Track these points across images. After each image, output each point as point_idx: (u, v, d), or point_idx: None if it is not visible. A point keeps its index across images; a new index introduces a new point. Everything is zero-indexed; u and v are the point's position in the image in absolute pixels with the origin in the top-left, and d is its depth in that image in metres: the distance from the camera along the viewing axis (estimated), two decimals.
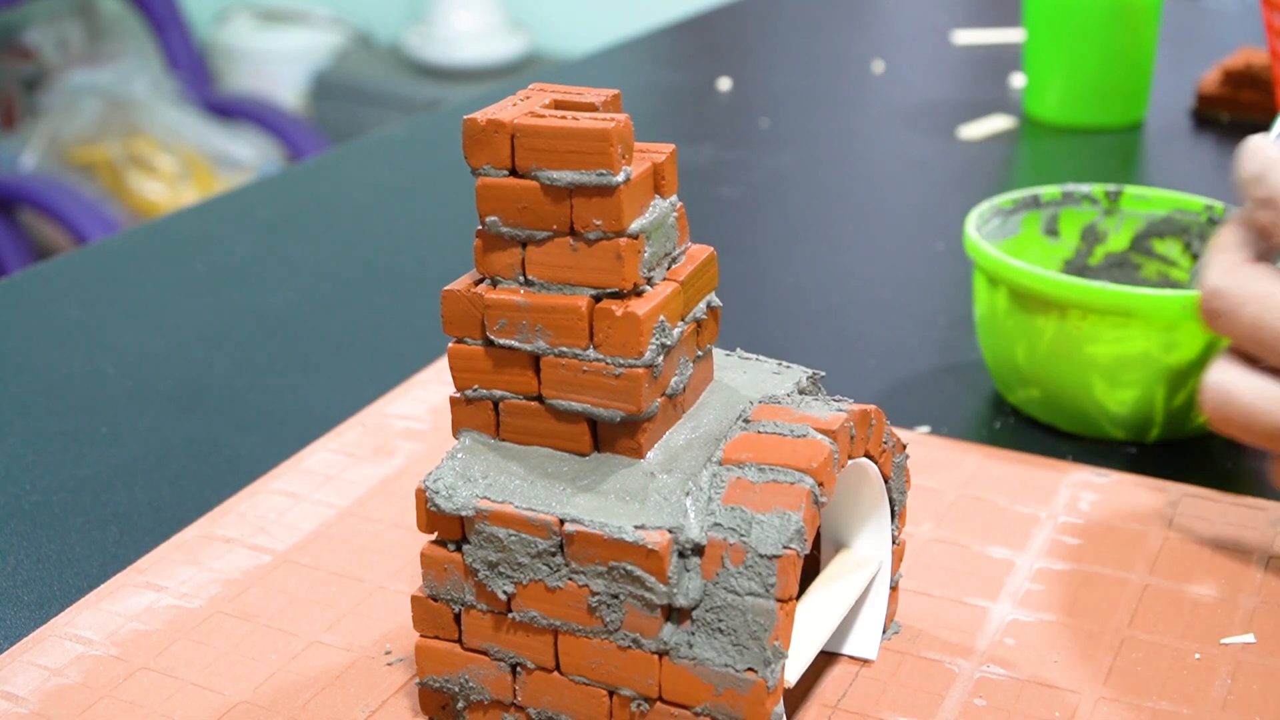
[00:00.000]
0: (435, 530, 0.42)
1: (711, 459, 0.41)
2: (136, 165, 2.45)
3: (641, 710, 0.40)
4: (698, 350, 0.43)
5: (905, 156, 1.01)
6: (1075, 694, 0.45)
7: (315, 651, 0.48)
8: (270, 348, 0.72)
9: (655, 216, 0.40)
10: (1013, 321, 0.59)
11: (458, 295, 0.41)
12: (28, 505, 0.57)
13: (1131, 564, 0.51)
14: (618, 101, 0.41)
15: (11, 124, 2.69)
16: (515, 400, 0.42)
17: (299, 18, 2.97)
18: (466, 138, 0.40)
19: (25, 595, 0.52)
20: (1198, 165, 0.99)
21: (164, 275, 0.82)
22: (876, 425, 0.44)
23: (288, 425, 0.63)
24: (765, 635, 0.38)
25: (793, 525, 0.38)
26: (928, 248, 0.83)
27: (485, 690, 0.43)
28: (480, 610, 0.42)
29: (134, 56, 2.86)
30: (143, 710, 0.45)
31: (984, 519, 0.54)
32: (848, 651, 0.47)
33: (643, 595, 0.39)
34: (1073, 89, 1.03)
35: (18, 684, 0.46)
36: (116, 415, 0.65)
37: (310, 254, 0.85)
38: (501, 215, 0.40)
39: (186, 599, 0.51)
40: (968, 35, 1.31)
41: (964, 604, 0.49)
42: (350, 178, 0.99)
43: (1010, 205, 0.65)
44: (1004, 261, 0.58)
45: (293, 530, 0.55)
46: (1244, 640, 0.47)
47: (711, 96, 1.16)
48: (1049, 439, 0.61)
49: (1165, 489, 0.56)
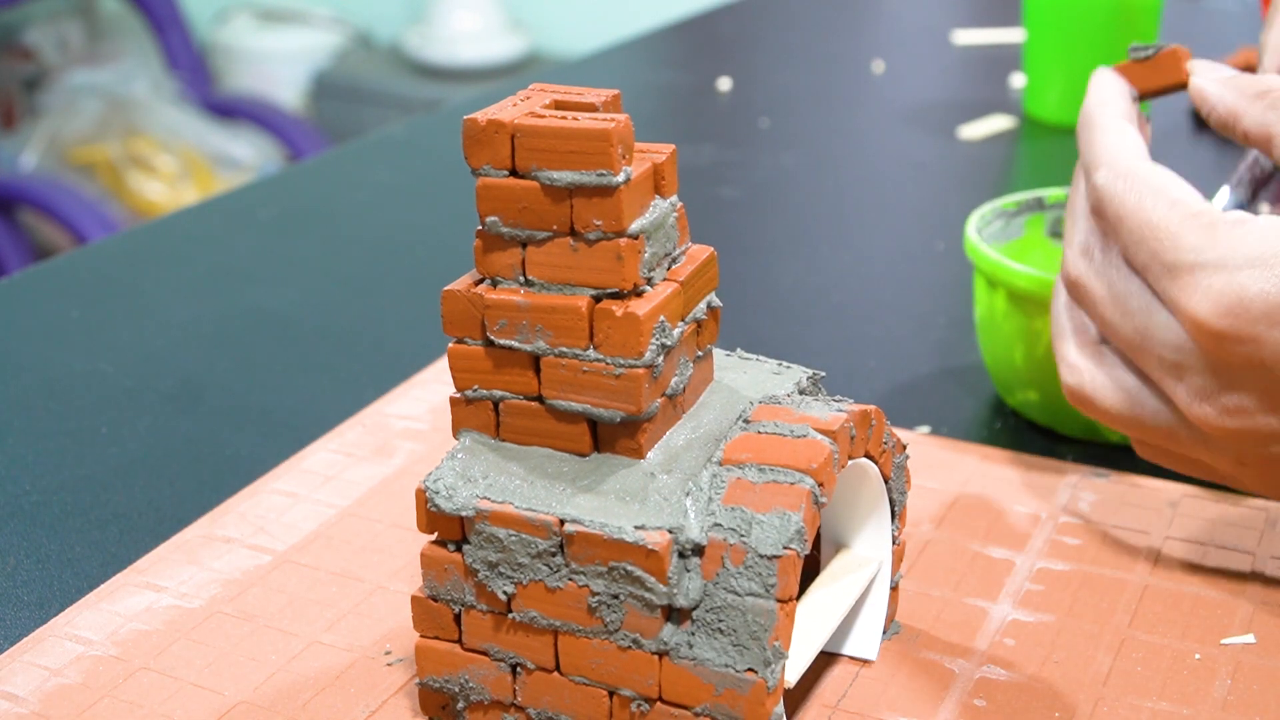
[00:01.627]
0: (435, 530, 0.42)
1: (711, 459, 0.41)
2: (136, 165, 2.45)
3: (641, 710, 0.40)
4: (698, 350, 0.43)
5: (905, 156, 1.01)
6: (1075, 694, 0.45)
7: (315, 651, 0.48)
8: (270, 348, 0.72)
9: (655, 217, 0.40)
10: (1012, 324, 0.59)
11: (458, 295, 0.41)
12: (28, 505, 0.57)
13: (1131, 564, 0.51)
14: (618, 102, 0.41)
15: (11, 124, 2.69)
16: (515, 400, 0.42)
17: (299, 18, 2.97)
18: (466, 138, 0.40)
19: (25, 595, 0.52)
20: (1198, 165, 0.99)
21: (164, 275, 0.82)
22: (876, 425, 0.44)
23: (288, 425, 0.63)
24: (765, 635, 0.38)
25: (793, 525, 0.38)
26: (928, 248, 0.83)
27: (485, 690, 0.43)
28: (480, 610, 0.42)
29: (134, 56, 2.86)
30: (143, 710, 0.45)
31: (984, 519, 0.54)
32: (848, 651, 0.47)
33: (643, 595, 0.39)
34: (1073, 89, 1.03)
35: (18, 684, 0.46)
36: (116, 415, 0.65)
37: (310, 254, 0.85)
38: (501, 215, 0.40)
39: (186, 599, 0.51)
40: (968, 35, 1.31)
41: (964, 604, 0.49)
42: (350, 178, 0.99)
43: (1014, 207, 0.65)
44: (1002, 264, 0.58)
45: (293, 530, 0.55)
46: (1244, 640, 0.47)
47: (711, 96, 1.16)
48: (1049, 439, 0.61)
49: (1165, 489, 0.56)
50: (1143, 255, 0.45)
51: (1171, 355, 0.45)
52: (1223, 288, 0.42)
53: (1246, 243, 0.42)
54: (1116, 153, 0.47)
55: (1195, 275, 0.43)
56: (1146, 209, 0.45)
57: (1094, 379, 0.48)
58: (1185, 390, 0.45)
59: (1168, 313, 0.45)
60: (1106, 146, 0.48)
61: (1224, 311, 0.42)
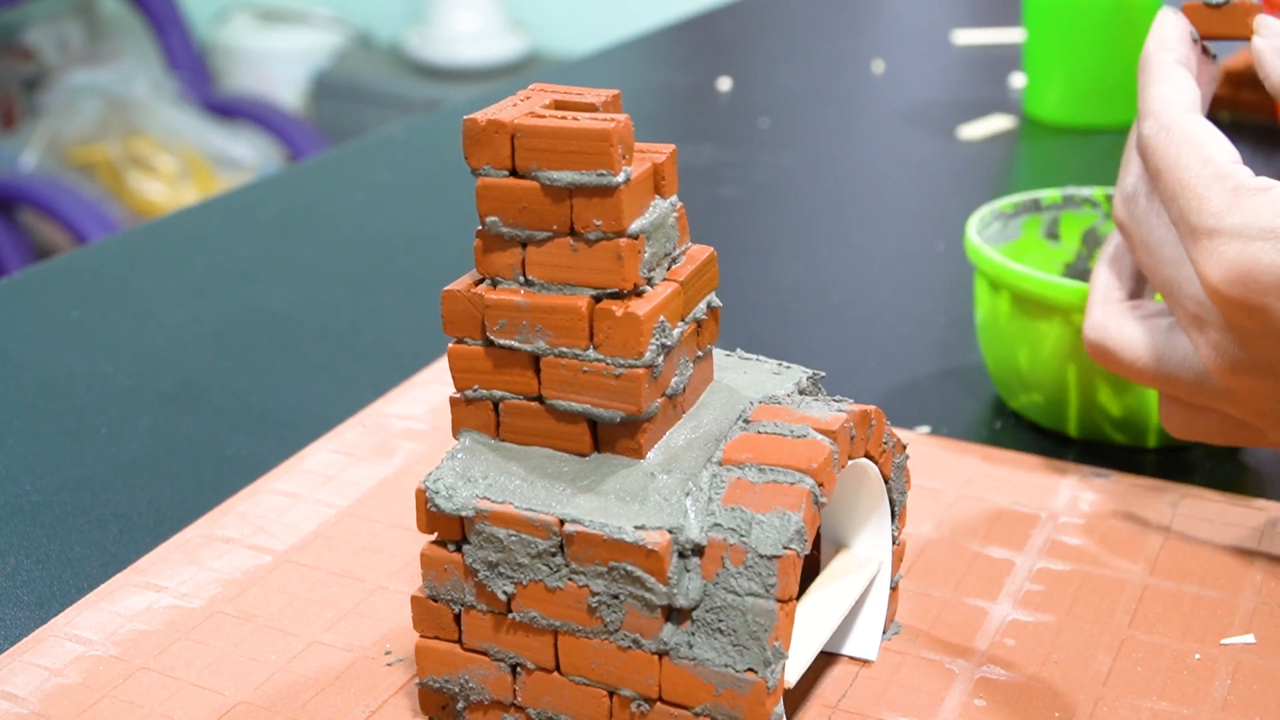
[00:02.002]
0: (435, 530, 0.42)
1: (711, 459, 0.41)
2: (136, 165, 2.45)
3: (641, 711, 0.40)
4: (698, 350, 0.43)
5: (905, 156, 1.01)
6: (1075, 694, 0.45)
7: (315, 651, 0.48)
8: (270, 348, 0.72)
9: (655, 217, 0.40)
10: (1015, 326, 0.59)
11: (458, 295, 0.41)
12: (28, 505, 0.57)
13: (1131, 564, 0.51)
14: (618, 102, 0.41)
15: (11, 124, 2.69)
16: (515, 400, 0.42)
17: (299, 18, 2.97)
18: (466, 138, 0.40)
19: (25, 595, 0.52)
20: None
21: (164, 275, 0.82)
22: (876, 425, 0.44)
23: (288, 425, 0.63)
24: (765, 636, 0.38)
25: (793, 526, 0.38)
26: (928, 248, 0.83)
27: (485, 690, 0.43)
28: (480, 610, 0.42)
29: (134, 56, 2.86)
30: (143, 710, 0.45)
31: (984, 519, 0.54)
32: (848, 652, 0.47)
33: (643, 595, 0.39)
34: (1073, 89, 1.03)
35: (18, 684, 0.46)
36: (116, 415, 0.65)
37: (310, 254, 0.85)
38: (501, 215, 0.40)
39: (186, 599, 0.51)
40: (968, 35, 1.31)
41: (964, 604, 0.49)
42: (350, 178, 0.99)
43: (1011, 209, 0.65)
44: (1007, 266, 0.58)
45: (293, 530, 0.55)
46: (1244, 640, 0.47)
47: (711, 96, 1.16)
48: (1049, 440, 0.61)
49: (1165, 489, 0.56)
50: (1174, 211, 0.46)
51: (1195, 309, 0.46)
52: (1236, 257, 0.43)
53: (1265, 213, 0.43)
54: (1166, 103, 0.48)
55: (1213, 240, 0.44)
56: (1181, 165, 0.46)
57: (1120, 333, 0.50)
58: (1205, 343, 0.46)
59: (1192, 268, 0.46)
60: (1158, 96, 0.49)
61: (1235, 280, 0.43)
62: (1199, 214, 0.45)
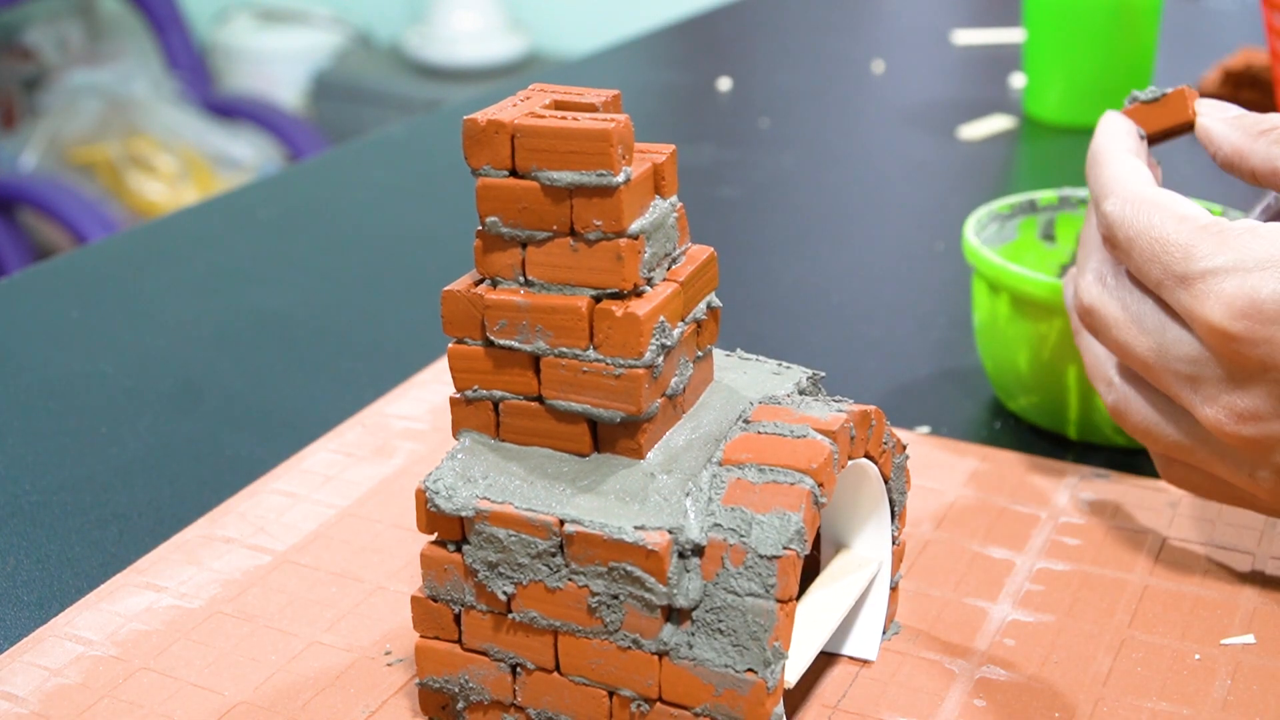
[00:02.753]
0: (435, 531, 0.42)
1: (711, 459, 0.41)
2: (136, 165, 2.45)
3: (641, 711, 0.40)
4: (698, 351, 0.43)
5: (905, 156, 1.01)
6: (1075, 694, 0.45)
7: (315, 651, 0.48)
8: (270, 348, 0.72)
9: (655, 217, 0.40)
10: (1015, 328, 0.59)
11: (458, 295, 0.41)
12: (28, 505, 0.57)
13: (1131, 564, 0.51)
14: (618, 102, 0.41)
15: (11, 124, 2.69)
16: (515, 400, 0.42)
17: (299, 18, 2.97)
18: (466, 138, 0.40)
19: (25, 595, 0.52)
20: (1197, 166, 0.99)
21: (164, 275, 0.82)
22: (876, 426, 0.44)
23: (288, 425, 0.63)
24: (765, 636, 0.38)
25: (793, 526, 0.38)
26: (928, 248, 0.83)
27: (485, 691, 0.43)
28: (480, 611, 0.42)
29: (134, 56, 2.86)
30: (143, 710, 0.45)
31: (984, 519, 0.54)
32: (848, 652, 0.47)
33: (643, 596, 0.39)
34: (1073, 89, 1.03)
35: (18, 684, 0.46)
36: (116, 415, 0.65)
37: (310, 254, 0.85)
38: (501, 215, 0.40)
39: (186, 599, 0.51)
40: (968, 35, 1.31)
41: (964, 604, 0.49)
42: (350, 178, 0.99)
43: (1007, 210, 0.65)
44: (1006, 268, 0.58)
45: (292, 530, 0.55)
46: (1244, 641, 0.47)
47: (711, 96, 1.16)
48: (1049, 440, 0.61)
49: (1165, 489, 0.56)
50: (1155, 272, 0.45)
51: (1187, 368, 0.45)
52: (1235, 290, 0.43)
53: (1258, 246, 0.43)
54: (1125, 181, 0.48)
55: (1208, 281, 0.44)
56: (1156, 227, 0.46)
57: (1125, 395, 0.49)
58: (1201, 399, 0.45)
59: (1180, 327, 0.45)
60: (1114, 177, 0.49)
61: (1237, 314, 0.43)
62: (1187, 262, 0.44)
